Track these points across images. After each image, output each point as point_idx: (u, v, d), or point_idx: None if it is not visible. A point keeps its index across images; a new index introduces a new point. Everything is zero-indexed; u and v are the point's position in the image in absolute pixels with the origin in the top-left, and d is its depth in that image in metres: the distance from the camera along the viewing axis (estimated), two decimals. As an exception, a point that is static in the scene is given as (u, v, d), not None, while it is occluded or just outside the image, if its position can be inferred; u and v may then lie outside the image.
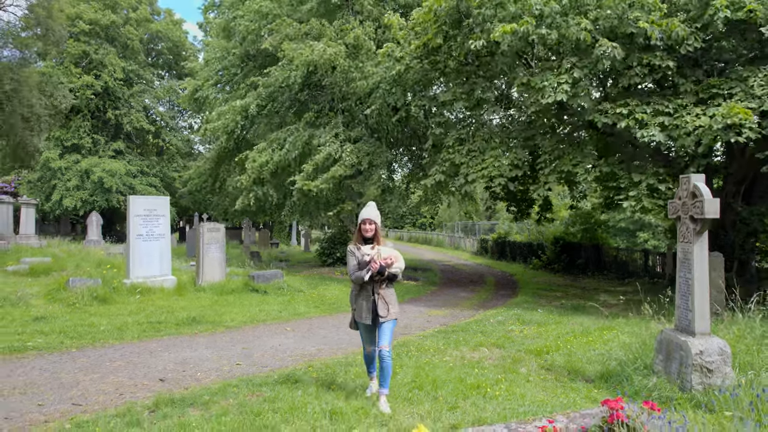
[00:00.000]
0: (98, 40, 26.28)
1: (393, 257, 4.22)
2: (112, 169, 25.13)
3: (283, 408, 4.06)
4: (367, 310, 4.23)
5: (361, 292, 4.31)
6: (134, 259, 9.96)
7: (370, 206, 4.47)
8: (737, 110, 7.72)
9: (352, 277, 4.27)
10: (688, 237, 5.05)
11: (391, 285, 4.38)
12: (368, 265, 4.16)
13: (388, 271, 4.18)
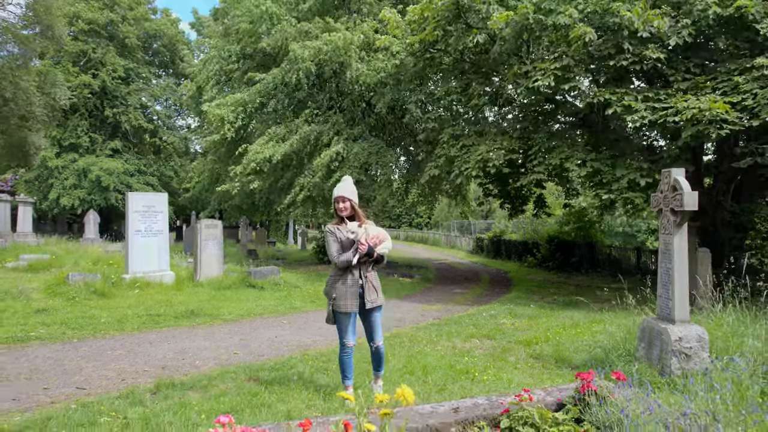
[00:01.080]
0: (96, 39, 26.40)
1: (380, 236, 3.89)
2: (110, 168, 25.27)
3: (279, 390, 4.25)
4: (354, 296, 3.82)
5: (343, 277, 3.83)
6: (133, 254, 10.12)
7: (345, 181, 4.00)
8: (718, 105, 7.93)
9: (337, 261, 3.79)
10: (669, 229, 5.26)
11: (376, 268, 4.02)
12: (354, 246, 3.75)
13: (376, 252, 3.81)
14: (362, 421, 2.14)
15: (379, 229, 3.96)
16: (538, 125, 11.96)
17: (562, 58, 9.31)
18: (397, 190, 17.00)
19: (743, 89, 8.38)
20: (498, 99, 12.81)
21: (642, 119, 8.83)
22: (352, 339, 3.93)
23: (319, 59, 13.25)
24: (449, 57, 11.35)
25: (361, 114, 15.29)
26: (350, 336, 3.92)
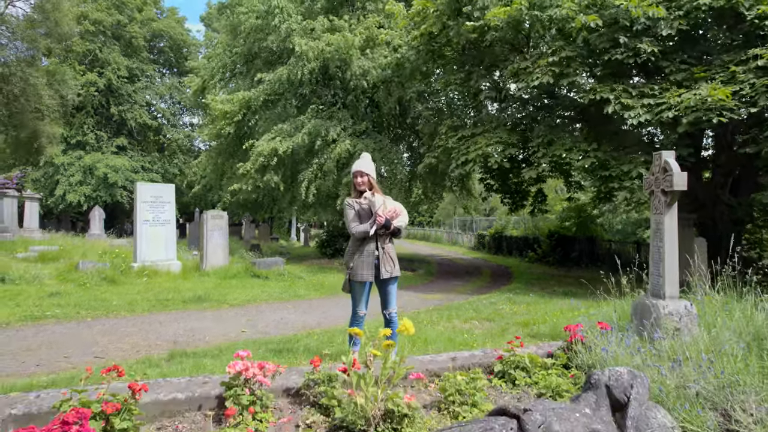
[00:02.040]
0: (102, 38, 26.72)
1: (398, 209, 4.00)
2: (116, 165, 25.57)
3: (288, 356, 4.48)
4: (369, 266, 3.90)
5: (361, 247, 3.94)
6: (141, 243, 10.37)
7: (364, 157, 4.14)
8: (719, 92, 8.13)
9: (354, 231, 3.91)
10: (660, 209, 5.48)
11: (393, 241, 4.12)
12: (372, 218, 3.86)
13: (393, 224, 3.90)
14: (368, 348, 2.37)
15: (395, 202, 4.05)
16: (538, 119, 12.18)
17: (561, 51, 9.53)
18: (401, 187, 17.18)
19: (740, 79, 8.58)
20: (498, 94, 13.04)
21: (638, 116, 9.06)
22: (364, 308, 4.02)
23: (323, 57, 13.47)
24: (450, 50, 11.57)
25: (365, 110, 15.50)
26: (363, 305, 4.01)
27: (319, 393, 2.69)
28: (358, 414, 2.35)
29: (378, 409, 2.38)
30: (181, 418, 2.67)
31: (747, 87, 8.44)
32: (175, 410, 2.67)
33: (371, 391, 2.37)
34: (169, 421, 2.63)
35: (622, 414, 2.05)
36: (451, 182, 17.56)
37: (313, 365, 2.78)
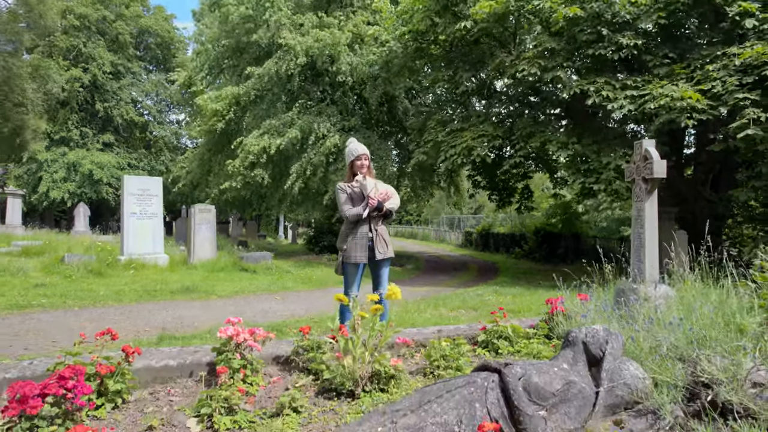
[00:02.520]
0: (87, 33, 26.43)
1: (389, 192, 4.05)
2: (102, 162, 25.30)
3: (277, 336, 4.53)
4: (363, 248, 3.95)
5: (355, 230, 3.99)
6: (128, 236, 10.32)
7: (356, 141, 4.23)
8: (689, 94, 8.35)
9: (348, 214, 3.95)
10: (641, 196, 5.64)
11: (385, 222, 4.17)
12: (365, 201, 3.91)
13: (385, 206, 3.97)
14: (357, 312, 2.45)
15: (387, 185, 4.11)
16: (523, 115, 12.36)
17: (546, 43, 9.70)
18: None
19: (713, 76, 8.82)
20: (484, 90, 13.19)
21: (621, 108, 9.23)
22: (356, 290, 4.01)
23: (311, 53, 13.49)
24: (437, 47, 11.69)
25: (353, 107, 15.56)
26: (355, 287, 4.02)
27: (309, 359, 2.76)
28: (346, 375, 2.43)
29: (365, 371, 2.46)
30: (173, 384, 2.72)
31: (719, 85, 8.67)
32: (167, 376, 2.73)
33: (359, 353, 2.45)
34: (161, 386, 2.69)
35: (598, 368, 2.16)
36: (439, 178, 17.70)
37: (303, 333, 2.85)
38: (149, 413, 2.33)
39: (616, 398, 2.06)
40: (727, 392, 1.94)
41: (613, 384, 2.07)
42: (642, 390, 2.07)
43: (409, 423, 1.92)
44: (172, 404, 2.47)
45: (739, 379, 1.98)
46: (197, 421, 2.21)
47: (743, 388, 1.97)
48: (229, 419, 2.17)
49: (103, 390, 2.39)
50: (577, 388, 2.03)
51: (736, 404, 1.93)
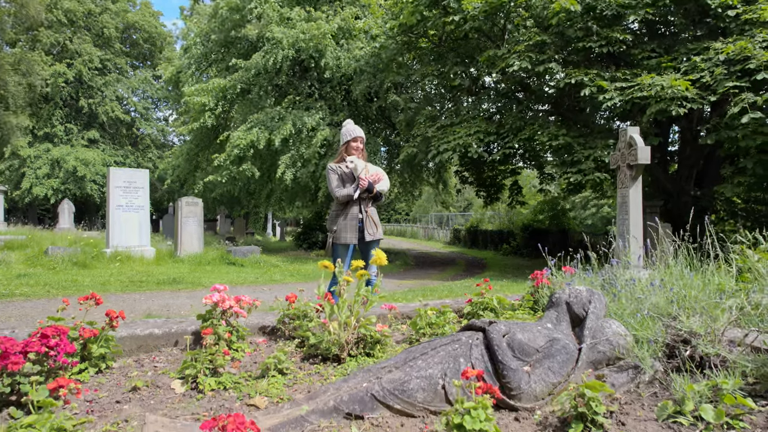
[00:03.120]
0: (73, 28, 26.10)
1: (380, 174, 4.08)
2: (87, 158, 24.98)
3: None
4: (353, 229, 3.98)
5: (345, 211, 4.01)
6: (114, 228, 10.21)
7: (353, 123, 4.24)
8: (679, 83, 8.47)
9: (338, 195, 3.98)
10: (626, 182, 5.73)
11: (375, 204, 4.19)
12: (355, 182, 3.95)
13: (375, 188, 4.00)
14: (342, 279, 2.45)
15: (377, 167, 4.16)
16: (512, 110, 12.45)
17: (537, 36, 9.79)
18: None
19: (701, 67, 8.96)
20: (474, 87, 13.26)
21: (611, 100, 9.33)
22: (346, 266, 3.95)
23: (298, 46, 13.45)
24: (426, 42, 11.73)
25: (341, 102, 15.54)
26: (344, 268, 4.05)
27: (295, 327, 2.76)
28: (332, 341, 2.44)
29: (351, 336, 2.47)
30: (157, 352, 2.71)
31: (707, 75, 8.82)
32: (152, 345, 2.71)
33: (344, 317, 2.46)
34: (146, 355, 2.67)
35: (581, 327, 2.19)
36: (428, 174, 17.75)
37: (288, 301, 2.85)
38: (133, 377, 2.31)
39: (598, 354, 2.09)
40: (704, 346, 1.98)
41: (596, 341, 2.10)
42: (624, 346, 2.10)
43: (394, 378, 1.93)
44: (156, 369, 2.45)
45: (716, 334, 2.02)
46: (182, 382, 2.20)
47: (720, 342, 2.01)
48: (214, 380, 2.16)
49: (87, 355, 2.38)
50: (561, 344, 2.05)
51: (713, 356, 1.97)
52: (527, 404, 1.89)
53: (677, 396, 1.83)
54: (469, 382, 1.64)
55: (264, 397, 2.05)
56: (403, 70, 12.66)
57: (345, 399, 1.87)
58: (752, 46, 8.48)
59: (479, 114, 12.04)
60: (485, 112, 12.83)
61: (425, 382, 1.90)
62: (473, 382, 1.63)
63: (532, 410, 1.88)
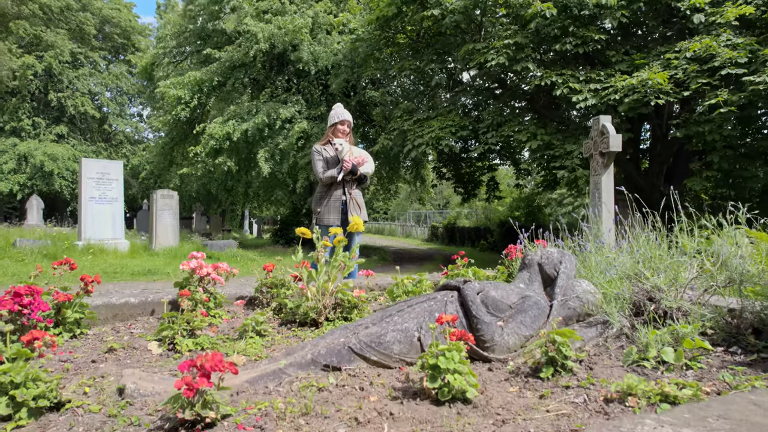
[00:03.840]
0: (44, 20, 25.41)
1: (363, 157, 4.09)
2: (55, 154, 24.32)
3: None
4: (337, 211, 3.99)
5: (329, 193, 4.03)
6: (86, 220, 9.99)
7: (342, 107, 4.28)
8: (658, 75, 8.73)
9: (322, 177, 4.00)
10: (598, 170, 5.88)
11: (359, 187, 4.21)
12: (339, 164, 3.94)
13: (359, 171, 4.02)
14: (320, 244, 2.48)
15: (362, 150, 4.21)
16: (489, 105, 12.62)
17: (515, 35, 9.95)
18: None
19: (674, 64, 9.26)
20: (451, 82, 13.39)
21: (585, 101, 9.56)
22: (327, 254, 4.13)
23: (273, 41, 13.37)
24: (404, 37, 11.80)
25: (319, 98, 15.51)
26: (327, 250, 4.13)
27: (273, 295, 2.78)
28: (309, 305, 2.46)
29: (328, 300, 2.50)
30: (133, 321, 2.69)
31: (680, 72, 9.11)
32: (128, 314, 2.69)
33: (321, 282, 2.49)
34: (122, 323, 2.66)
35: (552, 286, 2.26)
36: (405, 169, 17.83)
37: (267, 270, 2.86)
38: (109, 341, 2.30)
39: (569, 310, 2.16)
40: (668, 300, 2.07)
41: (566, 297, 2.18)
42: (593, 303, 2.18)
43: (371, 332, 1.97)
44: (133, 335, 2.44)
45: (678, 290, 2.12)
46: (159, 344, 2.20)
47: (682, 298, 2.11)
48: (192, 341, 2.16)
49: (61, 320, 2.35)
50: (533, 300, 2.12)
51: (676, 311, 2.07)
52: (500, 355, 1.95)
53: (641, 345, 1.92)
54: (444, 328, 1.69)
55: (242, 356, 2.07)
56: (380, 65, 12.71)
57: (323, 352, 1.90)
58: (717, 44, 8.79)
59: (456, 108, 12.16)
60: (463, 107, 12.96)
61: (401, 335, 1.94)
62: (447, 328, 1.68)
63: (505, 361, 1.94)
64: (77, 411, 1.58)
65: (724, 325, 2.04)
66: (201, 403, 1.43)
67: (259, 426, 1.44)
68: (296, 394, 1.68)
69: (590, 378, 1.72)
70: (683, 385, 1.54)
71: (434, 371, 1.58)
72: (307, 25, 13.06)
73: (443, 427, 1.41)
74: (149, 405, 1.62)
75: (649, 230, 2.64)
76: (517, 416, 1.47)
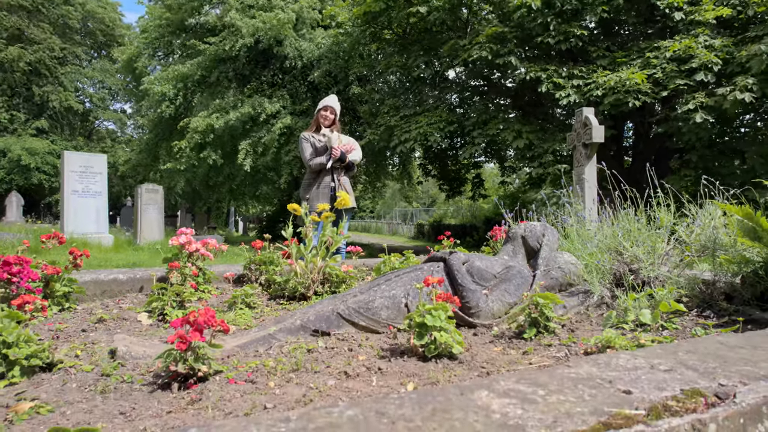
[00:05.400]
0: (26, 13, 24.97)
1: (352, 144, 4.14)
2: (34, 148, 23.94)
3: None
4: (326, 197, 4.04)
5: (317, 180, 4.08)
6: (69, 214, 9.86)
7: (332, 96, 4.35)
8: (636, 75, 8.89)
9: (311, 163, 4.04)
10: (581, 161, 6.00)
11: (348, 174, 4.26)
12: (328, 151, 3.98)
13: (347, 158, 4.05)
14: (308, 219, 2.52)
15: (350, 138, 4.27)
16: (474, 102, 12.73)
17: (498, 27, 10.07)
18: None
19: (653, 63, 9.43)
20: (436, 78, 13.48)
21: (568, 97, 9.70)
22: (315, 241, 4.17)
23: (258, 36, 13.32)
24: (390, 33, 11.86)
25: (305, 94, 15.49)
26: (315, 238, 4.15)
27: (261, 272, 2.81)
28: (298, 280, 2.50)
29: (317, 275, 2.54)
30: (122, 297, 2.70)
31: (659, 71, 9.30)
32: (117, 290, 2.70)
33: (310, 257, 2.52)
34: (110, 299, 2.66)
35: (535, 258, 2.33)
36: (392, 167, 17.90)
37: (255, 248, 2.89)
38: (98, 313, 2.31)
39: (551, 280, 2.23)
40: (646, 270, 2.15)
41: (549, 268, 2.25)
42: (575, 273, 2.26)
43: (360, 299, 2.01)
44: (122, 308, 2.45)
45: (656, 261, 2.20)
46: (148, 315, 2.21)
47: (660, 267, 2.19)
48: (181, 312, 2.19)
49: (49, 293, 2.35)
50: (517, 269, 2.19)
51: (654, 280, 2.15)
52: (485, 321, 2.01)
53: (621, 310, 1.99)
54: (430, 290, 1.74)
55: (232, 326, 2.10)
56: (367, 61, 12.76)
57: (312, 318, 1.94)
58: (696, 45, 9.00)
59: (442, 105, 12.26)
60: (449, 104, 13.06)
61: (389, 301, 1.99)
62: (434, 290, 1.73)
63: (490, 327, 2.00)
64: (70, 371, 1.60)
65: (698, 292, 2.12)
66: (193, 357, 1.47)
67: (251, 380, 1.48)
68: (286, 355, 1.72)
69: (572, 338, 1.79)
70: (660, 341, 1.62)
71: (421, 329, 1.63)
72: (291, 20, 13.04)
73: (430, 378, 1.46)
74: (141, 366, 1.64)
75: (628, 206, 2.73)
76: (501, 368, 1.52)
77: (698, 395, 0.88)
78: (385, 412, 0.81)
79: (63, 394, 1.41)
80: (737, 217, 2.07)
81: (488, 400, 0.85)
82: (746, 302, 2.03)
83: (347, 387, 1.41)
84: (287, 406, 1.27)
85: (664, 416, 0.81)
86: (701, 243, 2.14)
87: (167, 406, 1.30)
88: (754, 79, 8.11)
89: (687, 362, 1.07)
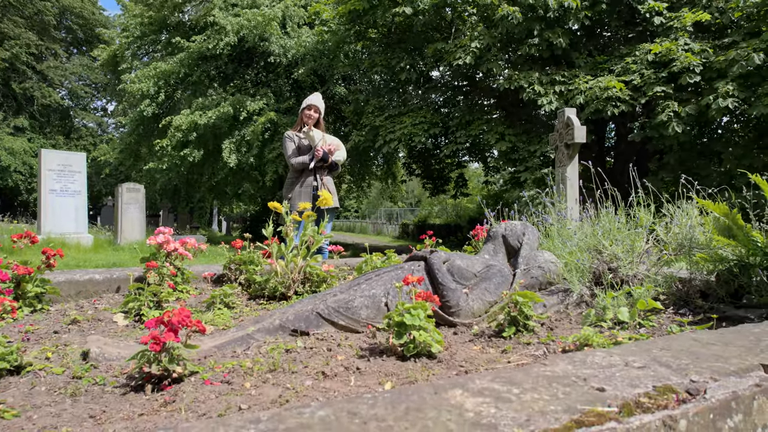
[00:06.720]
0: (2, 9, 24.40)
1: (336, 144, 4.14)
2: (13, 148, 23.42)
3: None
4: (308, 197, 4.02)
5: (300, 179, 4.05)
6: (46, 214, 9.66)
7: (316, 94, 4.32)
8: (614, 83, 9.01)
9: (294, 162, 4.02)
10: (564, 161, 6.05)
11: (331, 174, 4.24)
12: (311, 151, 3.98)
13: (331, 158, 4.04)
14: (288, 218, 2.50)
15: (334, 138, 4.23)
16: (458, 103, 12.78)
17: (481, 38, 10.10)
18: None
19: (632, 69, 9.56)
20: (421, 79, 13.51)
21: (550, 103, 9.78)
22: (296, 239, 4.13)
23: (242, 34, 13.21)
24: (376, 32, 11.85)
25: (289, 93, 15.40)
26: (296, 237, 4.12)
27: (241, 271, 2.77)
28: (278, 280, 2.47)
29: (297, 274, 2.52)
30: (98, 297, 2.65)
31: (638, 77, 9.42)
32: (93, 290, 2.65)
33: (290, 257, 2.50)
34: (86, 300, 2.61)
35: (516, 257, 2.34)
36: (377, 167, 17.89)
37: (235, 247, 2.86)
38: (72, 315, 2.26)
39: (531, 279, 2.24)
40: (625, 268, 2.17)
41: (529, 267, 2.26)
42: (555, 272, 2.27)
43: (339, 299, 2.00)
44: (97, 309, 2.40)
45: (635, 259, 2.23)
46: (124, 316, 2.17)
47: (638, 266, 2.21)
48: (159, 312, 2.15)
49: (20, 294, 2.29)
50: (497, 268, 2.20)
51: (632, 279, 2.18)
52: (465, 320, 2.01)
53: (600, 308, 2.01)
54: (410, 289, 1.73)
55: (210, 326, 2.07)
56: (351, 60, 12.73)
57: (291, 318, 1.92)
58: (676, 48, 9.14)
59: (427, 105, 12.29)
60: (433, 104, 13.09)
61: (369, 300, 1.98)
62: (413, 289, 1.72)
63: (470, 326, 2.00)
64: (39, 373, 1.56)
65: (675, 290, 2.15)
66: (168, 358, 1.44)
67: (227, 381, 1.46)
68: (264, 355, 1.70)
69: (550, 336, 1.80)
70: (636, 339, 1.63)
71: (400, 328, 1.62)
72: (277, 16, 12.95)
73: (408, 378, 1.46)
74: (114, 368, 1.61)
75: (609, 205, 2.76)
76: (480, 367, 1.52)
77: (670, 391, 0.89)
78: (358, 412, 0.80)
79: (31, 397, 1.37)
80: (714, 215, 2.10)
81: (462, 399, 0.85)
82: (721, 299, 2.07)
83: (324, 387, 1.39)
84: (262, 406, 1.25)
85: (636, 413, 0.82)
86: (678, 242, 2.17)
87: (139, 409, 1.28)
88: (734, 84, 8.25)
89: (661, 359, 1.07)
